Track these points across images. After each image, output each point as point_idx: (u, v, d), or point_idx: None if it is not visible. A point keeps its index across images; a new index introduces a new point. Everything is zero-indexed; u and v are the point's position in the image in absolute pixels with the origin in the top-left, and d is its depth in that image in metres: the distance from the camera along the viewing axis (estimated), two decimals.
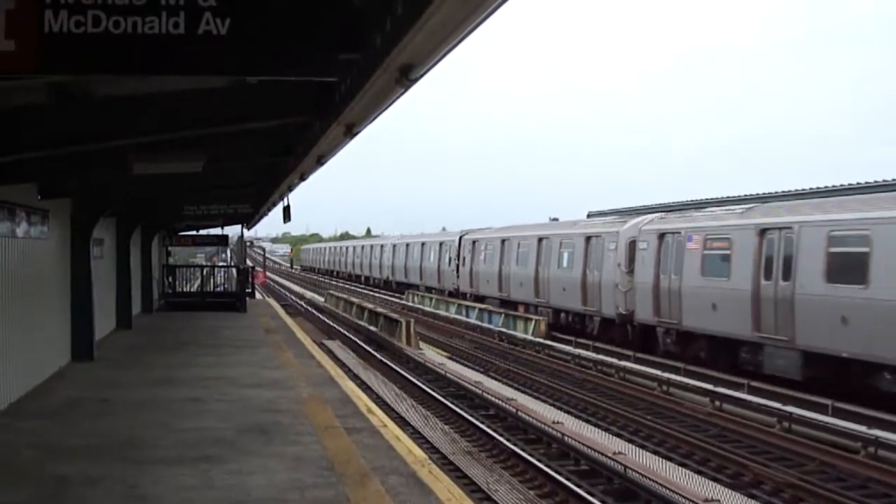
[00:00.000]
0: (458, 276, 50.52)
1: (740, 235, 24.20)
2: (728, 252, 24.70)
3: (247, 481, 11.08)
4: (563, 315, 36.44)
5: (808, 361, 21.23)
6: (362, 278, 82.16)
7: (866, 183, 26.85)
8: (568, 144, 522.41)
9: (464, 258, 49.61)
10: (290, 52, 6.39)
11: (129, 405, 16.25)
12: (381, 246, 73.70)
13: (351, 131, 12.43)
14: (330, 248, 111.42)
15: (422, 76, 8.41)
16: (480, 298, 45.63)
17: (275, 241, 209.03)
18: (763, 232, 23.30)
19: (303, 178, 20.68)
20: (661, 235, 28.13)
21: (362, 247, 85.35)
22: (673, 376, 24.19)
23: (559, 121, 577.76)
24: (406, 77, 8.32)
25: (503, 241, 43.45)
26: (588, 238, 34.07)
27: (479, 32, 7.17)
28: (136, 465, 11.82)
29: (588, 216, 42.33)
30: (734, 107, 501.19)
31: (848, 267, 20.20)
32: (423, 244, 60.53)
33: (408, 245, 64.50)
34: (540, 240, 39.02)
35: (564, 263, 36.08)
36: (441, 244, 55.72)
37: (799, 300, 21.37)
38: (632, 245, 30.11)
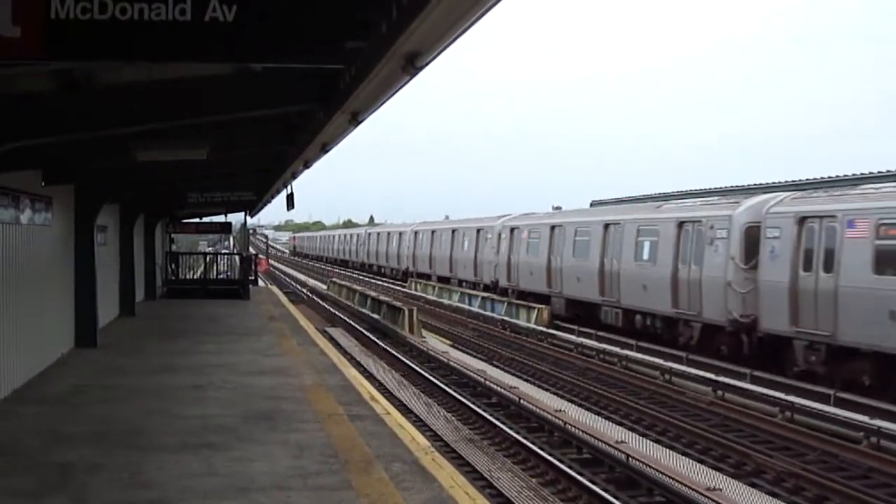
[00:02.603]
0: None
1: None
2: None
3: (250, 468, 11.09)
4: None
5: None
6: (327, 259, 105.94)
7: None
8: (569, 134, 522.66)
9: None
10: (296, 39, 6.39)
11: (132, 392, 16.27)
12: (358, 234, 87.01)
13: (356, 119, 12.44)
14: (308, 236, 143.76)
15: (428, 64, 8.40)
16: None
17: (278, 228, 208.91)
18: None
19: (307, 165, 20.69)
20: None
21: (336, 235, 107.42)
22: (675, 365, 24.19)
23: (560, 112, 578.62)
24: (412, 65, 8.31)
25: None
26: None
27: (484, 21, 7.17)
28: (139, 452, 11.83)
29: (591, 205, 42.36)
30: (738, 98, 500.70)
31: None
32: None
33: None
34: None
35: None
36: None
37: None
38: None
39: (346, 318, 40.95)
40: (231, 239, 67.65)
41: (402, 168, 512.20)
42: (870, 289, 19.42)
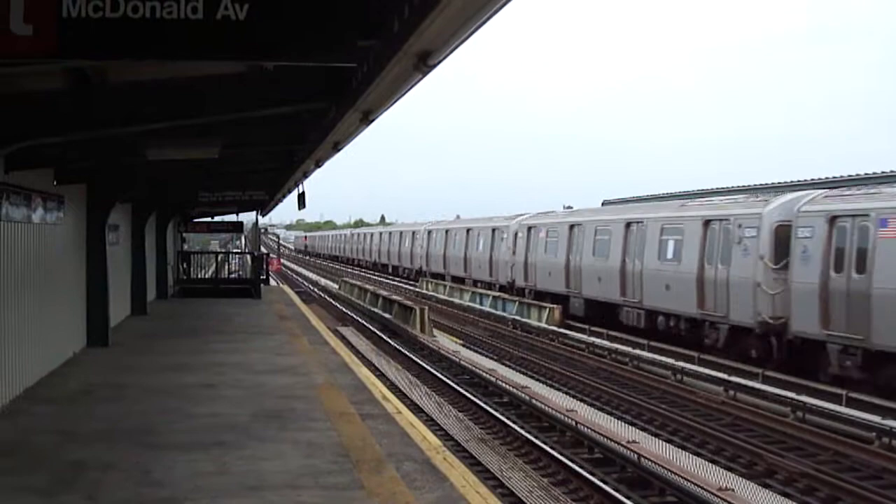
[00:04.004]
0: None
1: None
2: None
3: (261, 467, 11.10)
4: None
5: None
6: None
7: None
8: (575, 136, 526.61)
9: None
10: (308, 37, 6.38)
11: (143, 391, 16.28)
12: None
13: (367, 118, 12.41)
14: (310, 235, 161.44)
15: (440, 62, 8.37)
16: None
17: (289, 227, 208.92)
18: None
19: (318, 164, 20.66)
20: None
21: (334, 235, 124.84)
22: (687, 365, 24.14)
23: (568, 116, 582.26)
24: (424, 63, 8.28)
25: None
26: None
27: (495, 24, 7.15)
28: (150, 451, 11.84)
29: (602, 204, 42.79)
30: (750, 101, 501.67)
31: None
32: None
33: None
34: None
35: None
36: None
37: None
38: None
39: (357, 318, 40.98)
40: (242, 238, 67.71)
41: (415, 168, 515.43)
42: (548, 262, 38.57)
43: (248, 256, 45.95)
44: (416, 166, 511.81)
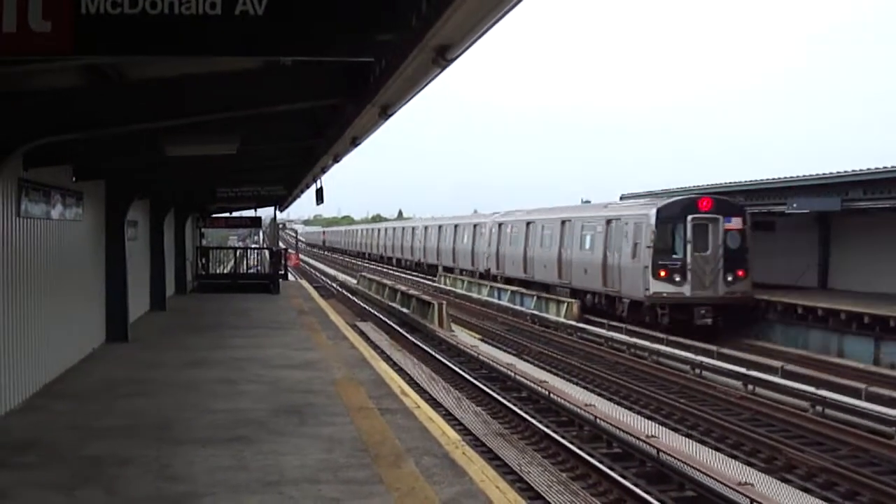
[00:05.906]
0: None
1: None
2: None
3: (280, 462, 11.10)
4: None
5: None
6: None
7: None
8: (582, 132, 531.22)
9: None
10: (326, 32, 6.35)
11: (162, 386, 16.32)
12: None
13: (386, 112, 12.41)
14: (322, 230, 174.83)
15: (458, 56, 8.36)
16: None
17: (307, 223, 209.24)
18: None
19: (336, 159, 20.68)
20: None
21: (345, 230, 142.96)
22: (706, 359, 24.10)
23: (591, 111, 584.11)
24: (442, 57, 8.27)
25: None
26: None
27: (516, 14, 7.13)
28: (169, 446, 11.87)
29: (621, 198, 42.87)
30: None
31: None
32: None
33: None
34: None
35: None
36: None
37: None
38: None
39: (375, 313, 41.02)
40: (261, 234, 67.82)
41: (432, 165, 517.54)
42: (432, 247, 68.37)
43: (267, 252, 46.00)
44: (427, 165, 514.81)
